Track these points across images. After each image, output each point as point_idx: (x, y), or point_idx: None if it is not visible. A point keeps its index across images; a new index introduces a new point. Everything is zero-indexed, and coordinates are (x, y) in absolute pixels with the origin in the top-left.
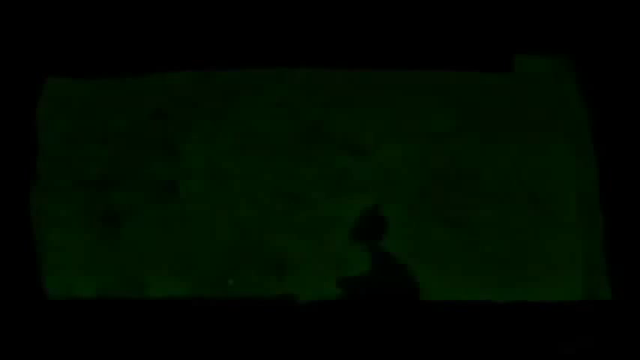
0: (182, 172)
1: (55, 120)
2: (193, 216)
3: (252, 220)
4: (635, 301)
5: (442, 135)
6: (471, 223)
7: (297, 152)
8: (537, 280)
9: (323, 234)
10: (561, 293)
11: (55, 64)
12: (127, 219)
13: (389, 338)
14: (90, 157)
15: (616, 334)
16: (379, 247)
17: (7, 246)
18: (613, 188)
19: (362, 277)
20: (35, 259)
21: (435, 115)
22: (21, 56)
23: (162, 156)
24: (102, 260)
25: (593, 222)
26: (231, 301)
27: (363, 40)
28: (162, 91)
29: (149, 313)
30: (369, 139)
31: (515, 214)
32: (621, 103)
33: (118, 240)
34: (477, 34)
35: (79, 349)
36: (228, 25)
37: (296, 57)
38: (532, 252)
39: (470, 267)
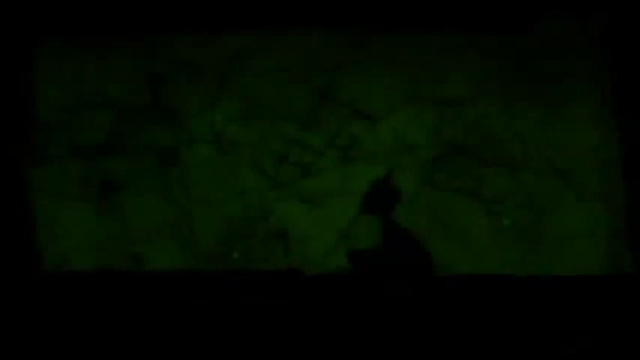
0: (184, 139)
1: (50, 86)
2: (195, 185)
3: (258, 191)
4: None
5: (458, 100)
6: (488, 194)
7: (305, 118)
8: (558, 252)
9: (331, 205)
10: (582, 266)
11: (51, 29)
12: (126, 188)
13: (399, 313)
14: (87, 124)
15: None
16: (390, 219)
17: (4, 218)
18: (634, 155)
19: (372, 250)
20: (32, 230)
21: (451, 80)
22: (16, 22)
23: (163, 122)
24: (99, 232)
25: (615, 191)
26: (236, 274)
27: (376, 1)
28: (162, 55)
29: (149, 285)
30: (380, 105)
31: (534, 184)
32: None
33: (115, 210)
34: None
35: (76, 320)
36: None
37: (304, 19)
38: (552, 223)
39: (487, 239)
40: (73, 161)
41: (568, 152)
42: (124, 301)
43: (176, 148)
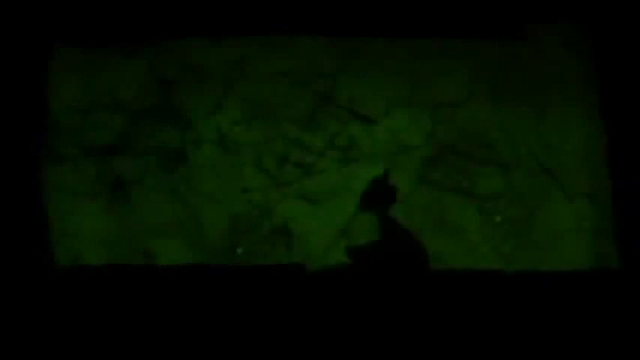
0: (192, 140)
1: (64, 89)
2: (202, 184)
3: (261, 189)
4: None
5: (453, 103)
6: (480, 192)
7: (306, 120)
8: (547, 249)
9: (331, 203)
10: (570, 262)
11: (64, 33)
12: (136, 187)
13: (396, 306)
14: (99, 125)
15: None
16: (388, 216)
17: (18, 214)
18: (621, 155)
19: (371, 246)
20: (45, 227)
21: (446, 83)
22: (32, 27)
23: (172, 124)
24: (111, 228)
25: (602, 191)
26: (240, 269)
27: (374, 6)
28: (171, 59)
29: (158, 279)
30: (378, 107)
31: (524, 183)
32: (630, 69)
33: (126, 208)
34: (488, 2)
35: (87, 312)
36: None
37: (305, 25)
38: (542, 220)
39: (479, 235)
40: (85, 161)
41: (557, 153)
42: (133, 294)
43: (183, 148)
